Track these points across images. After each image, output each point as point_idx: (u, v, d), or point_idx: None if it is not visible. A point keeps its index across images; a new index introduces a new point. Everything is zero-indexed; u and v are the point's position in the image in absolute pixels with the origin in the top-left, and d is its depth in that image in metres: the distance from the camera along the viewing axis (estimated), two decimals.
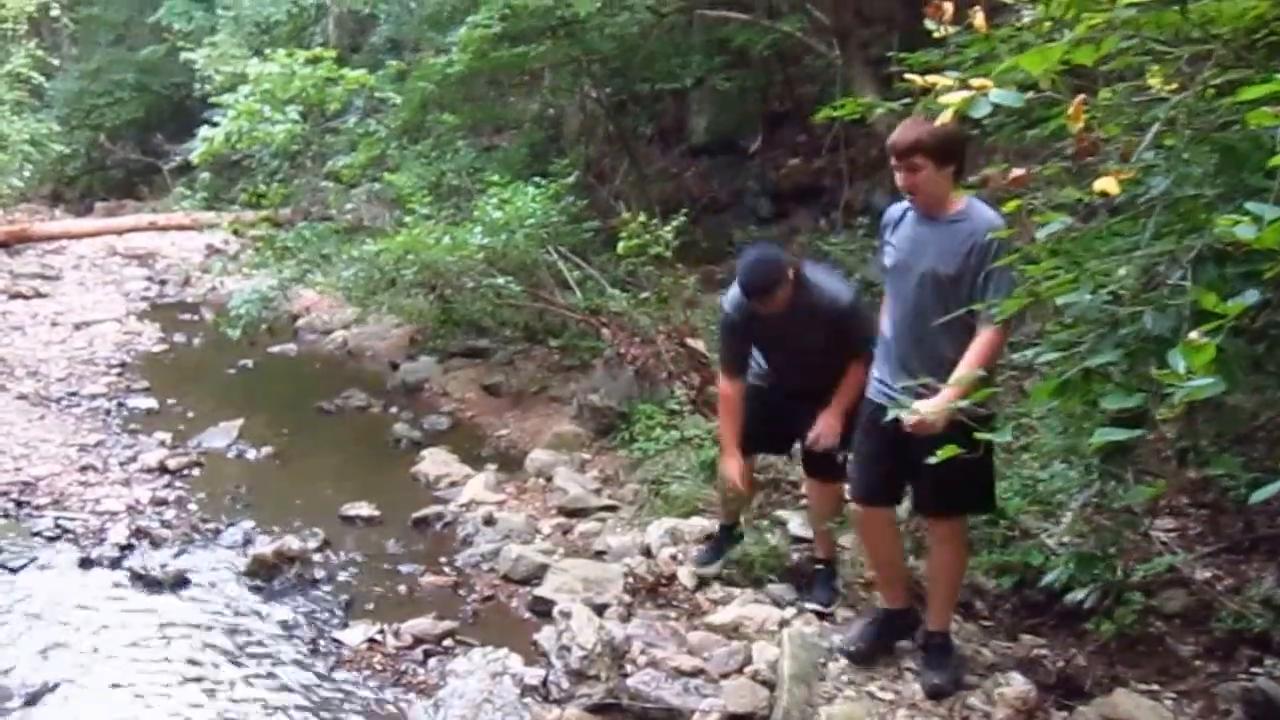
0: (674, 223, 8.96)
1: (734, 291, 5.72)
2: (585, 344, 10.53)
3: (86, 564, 7.04)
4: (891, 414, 4.28)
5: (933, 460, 3.51)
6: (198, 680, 5.74)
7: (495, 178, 10.65)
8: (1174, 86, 3.31)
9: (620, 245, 8.93)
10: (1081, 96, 3.28)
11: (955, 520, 5.10)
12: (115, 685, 5.66)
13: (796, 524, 6.61)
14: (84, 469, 8.73)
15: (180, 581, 6.79)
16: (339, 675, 5.78)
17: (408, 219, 10.48)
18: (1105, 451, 3.61)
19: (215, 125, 11.27)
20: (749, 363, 5.97)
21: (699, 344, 8.96)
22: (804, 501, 6.65)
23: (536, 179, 10.58)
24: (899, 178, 4.84)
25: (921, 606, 5.33)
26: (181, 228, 19.30)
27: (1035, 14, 3.56)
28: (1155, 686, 4.91)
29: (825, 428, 5.67)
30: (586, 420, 9.27)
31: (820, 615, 5.77)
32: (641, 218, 8.88)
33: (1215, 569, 5.58)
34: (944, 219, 4.80)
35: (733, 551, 6.26)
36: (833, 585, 5.98)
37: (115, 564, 7.04)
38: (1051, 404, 3.42)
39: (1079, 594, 4.95)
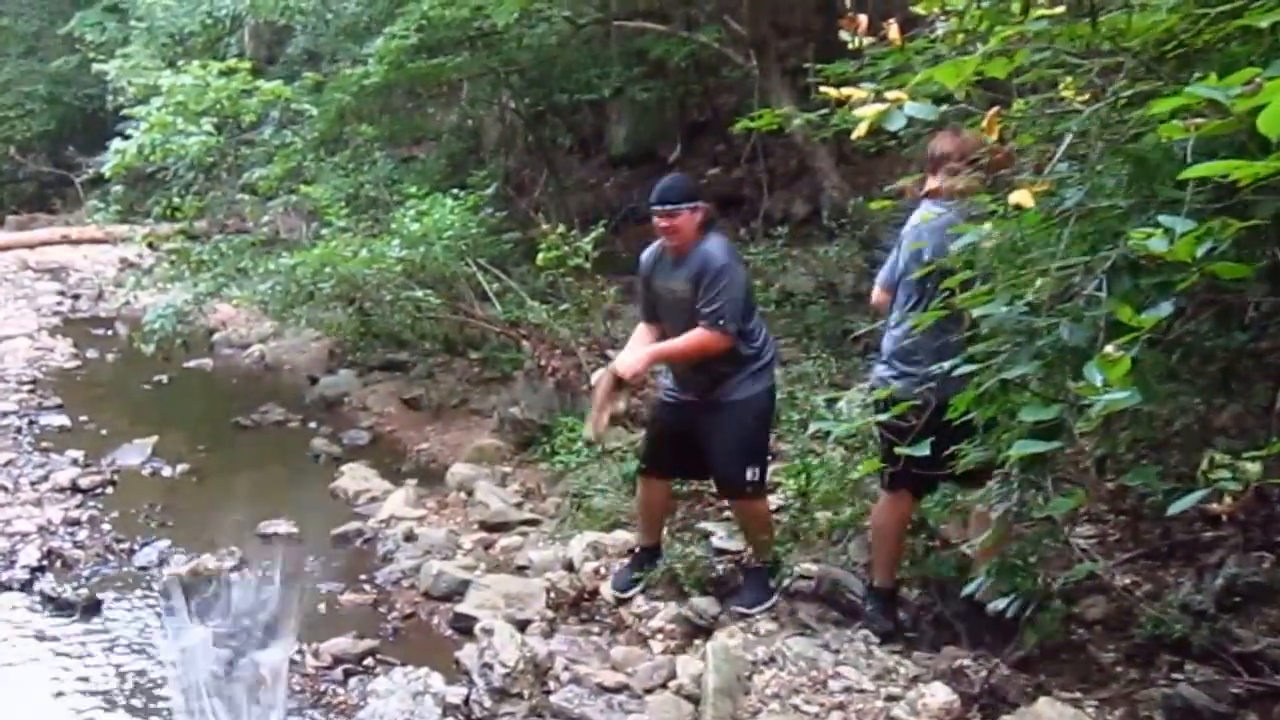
0: (593, 234, 8.97)
1: (648, 250, 6.06)
2: (506, 356, 10.49)
3: None
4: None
5: None
6: (111, 705, 5.64)
7: (413, 189, 10.63)
8: (1086, 98, 3.33)
9: (540, 257, 8.92)
10: (996, 109, 3.30)
11: None
12: (27, 712, 5.56)
13: (721, 536, 6.59)
14: None
15: (93, 604, 6.66)
16: (257, 697, 5.67)
17: (325, 231, 10.41)
18: (1024, 462, 3.60)
19: (128, 137, 11.13)
20: (657, 313, 6.09)
21: None
22: (727, 514, 6.61)
23: (455, 190, 10.52)
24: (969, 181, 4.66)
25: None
26: (95, 241, 19.10)
27: (949, 27, 3.56)
28: (1078, 694, 4.93)
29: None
30: (507, 433, 9.21)
31: (743, 615, 5.79)
32: (561, 229, 8.88)
33: (1134, 575, 5.62)
34: None
35: (655, 571, 6.19)
36: (769, 585, 5.96)
37: (26, 586, 6.91)
38: (970, 415, 3.42)
39: (1000, 603, 4.95)
